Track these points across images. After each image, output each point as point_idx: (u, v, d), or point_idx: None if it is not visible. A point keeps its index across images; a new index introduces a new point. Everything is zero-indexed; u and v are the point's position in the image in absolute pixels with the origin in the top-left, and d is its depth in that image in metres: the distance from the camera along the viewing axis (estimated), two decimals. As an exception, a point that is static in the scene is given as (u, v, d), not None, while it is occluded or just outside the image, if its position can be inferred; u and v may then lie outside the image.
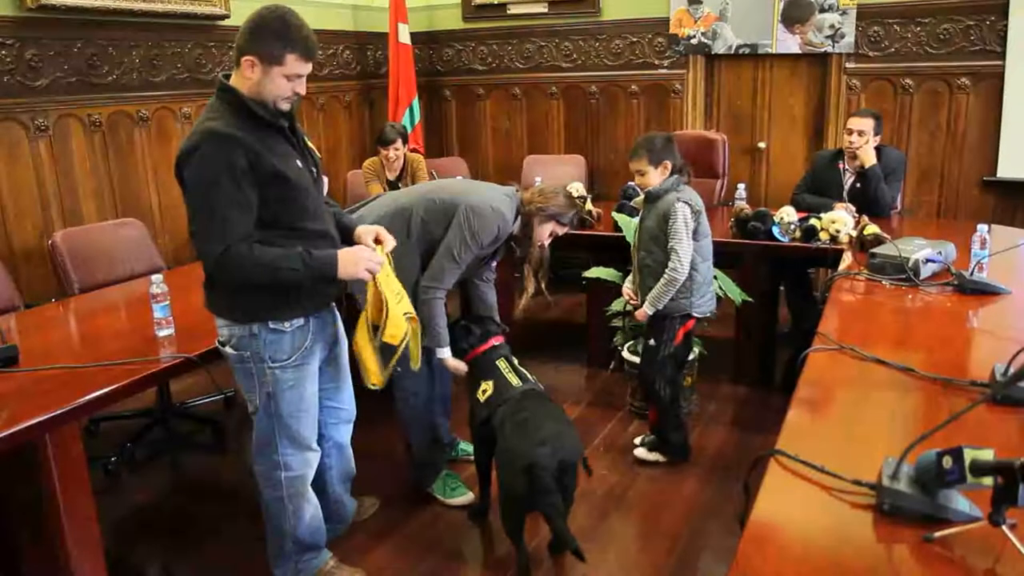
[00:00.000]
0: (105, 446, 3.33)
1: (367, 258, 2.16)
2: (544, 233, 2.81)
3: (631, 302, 3.24)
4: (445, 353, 2.77)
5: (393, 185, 4.65)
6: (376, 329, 2.27)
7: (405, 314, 2.33)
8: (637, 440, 3.30)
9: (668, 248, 2.93)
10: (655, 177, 2.97)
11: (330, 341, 2.35)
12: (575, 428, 2.54)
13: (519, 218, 2.79)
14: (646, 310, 3.03)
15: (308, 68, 2.07)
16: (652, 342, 3.08)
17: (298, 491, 2.32)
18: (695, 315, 3.08)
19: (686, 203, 2.92)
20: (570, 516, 2.45)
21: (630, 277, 3.29)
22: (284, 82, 2.03)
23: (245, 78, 2.02)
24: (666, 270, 2.94)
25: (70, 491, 2.07)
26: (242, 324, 2.13)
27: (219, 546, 2.79)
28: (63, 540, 2.06)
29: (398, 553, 2.70)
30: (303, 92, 2.10)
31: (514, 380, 2.64)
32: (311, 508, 2.37)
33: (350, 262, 2.12)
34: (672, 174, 2.97)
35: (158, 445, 3.52)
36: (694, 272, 2.98)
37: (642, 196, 3.11)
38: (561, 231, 2.86)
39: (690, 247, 2.92)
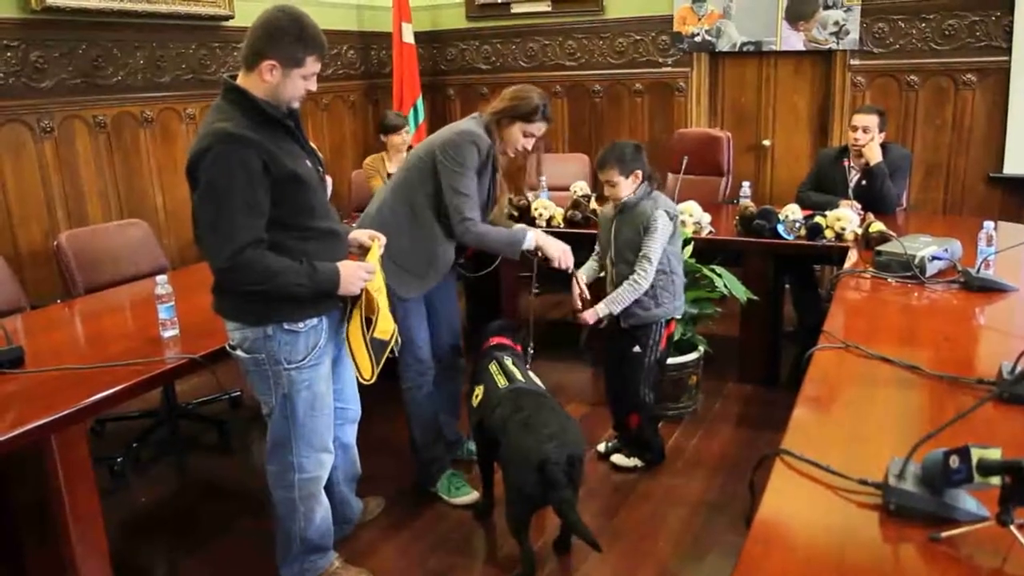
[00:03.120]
0: (110, 446, 3.34)
1: (362, 277, 2.21)
2: (514, 136, 2.75)
3: (581, 295, 3.01)
4: (530, 237, 2.74)
5: None
6: (369, 323, 2.28)
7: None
8: (601, 447, 3.24)
9: (640, 255, 2.88)
10: (626, 187, 2.90)
11: (338, 340, 2.36)
12: (577, 422, 2.55)
13: (489, 132, 2.73)
14: (599, 310, 2.91)
15: (319, 66, 2.11)
16: (638, 349, 3.02)
17: (311, 493, 2.32)
18: (678, 317, 3.08)
19: (664, 210, 2.89)
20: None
21: (587, 265, 3.16)
22: (301, 83, 2.08)
23: (263, 81, 2.03)
24: (633, 276, 2.88)
25: (76, 492, 2.07)
26: (255, 326, 2.13)
27: (224, 546, 2.80)
28: (68, 540, 2.07)
29: (403, 553, 2.70)
30: (314, 89, 2.13)
31: (501, 381, 2.65)
32: (322, 510, 2.38)
33: (349, 280, 2.17)
34: (642, 182, 2.92)
35: (163, 445, 3.53)
36: (674, 276, 2.97)
37: (610, 205, 3.02)
38: (534, 129, 2.75)
39: (657, 260, 2.87)
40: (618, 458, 3.19)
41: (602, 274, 3.16)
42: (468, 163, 2.67)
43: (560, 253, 2.80)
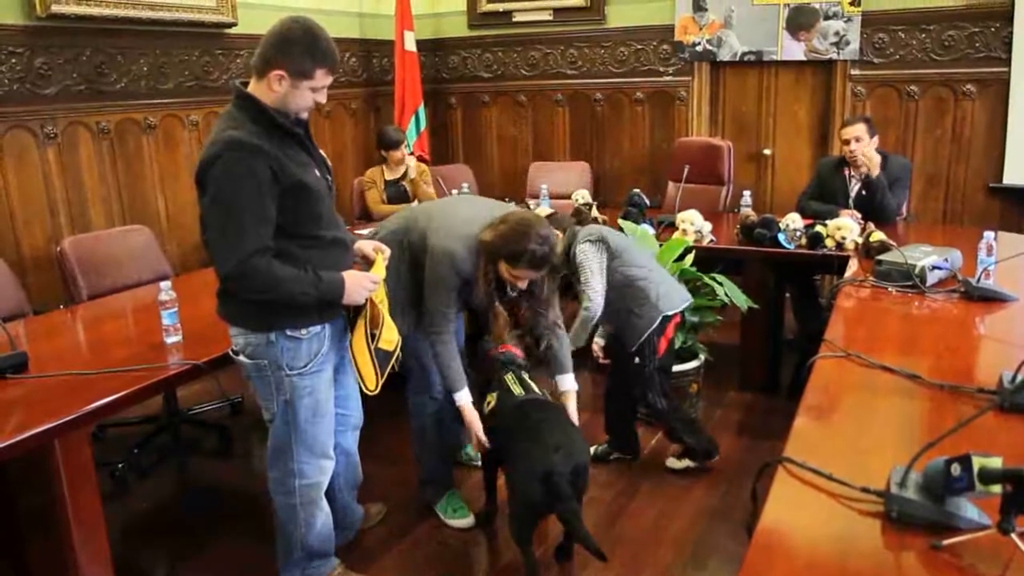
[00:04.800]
0: (112, 452, 3.33)
1: (367, 287, 2.22)
2: (503, 272, 2.49)
3: (601, 360, 3.29)
4: (461, 398, 2.59)
5: (394, 186, 4.71)
6: (373, 336, 2.29)
7: None
8: (590, 450, 3.27)
9: (580, 285, 2.96)
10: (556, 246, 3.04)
11: (340, 348, 2.36)
12: (581, 432, 2.56)
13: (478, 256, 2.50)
14: (575, 344, 2.98)
15: (331, 80, 2.11)
16: (637, 360, 3.05)
17: (311, 499, 2.32)
18: (669, 313, 3.02)
19: (584, 242, 2.97)
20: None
21: (599, 333, 3.28)
22: (310, 94, 2.08)
23: (271, 90, 2.04)
24: (581, 307, 2.96)
25: (79, 496, 2.08)
26: (259, 332, 2.14)
27: (225, 551, 2.80)
28: (71, 545, 2.07)
29: (404, 560, 2.70)
30: (323, 102, 2.13)
31: (517, 390, 2.65)
32: (322, 516, 2.38)
33: (354, 289, 2.18)
34: (565, 233, 3.03)
35: (164, 451, 3.53)
36: (640, 283, 2.98)
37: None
38: (519, 273, 2.46)
39: (601, 283, 2.95)
40: (671, 461, 3.23)
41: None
42: (446, 282, 2.50)
43: (472, 430, 2.63)
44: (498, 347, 2.81)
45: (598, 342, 3.27)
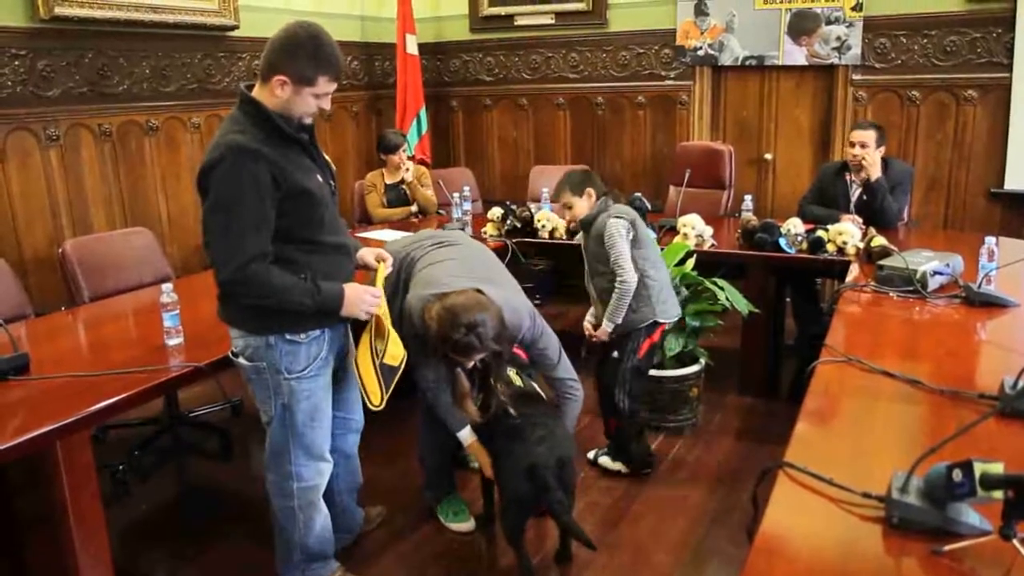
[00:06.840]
0: (112, 454, 3.33)
1: (368, 302, 2.21)
2: None
3: (593, 337, 3.16)
4: (464, 437, 2.61)
5: (395, 190, 4.73)
6: (378, 350, 2.29)
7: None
8: (591, 454, 3.29)
9: (612, 264, 2.94)
10: (583, 207, 3.04)
11: (341, 352, 2.36)
12: (564, 425, 2.57)
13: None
14: (606, 328, 3.01)
15: (335, 86, 2.11)
16: (615, 354, 3.04)
17: (309, 501, 2.32)
18: (661, 321, 3.03)
19: (618, 217, 2.96)
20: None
21: (590, 311, 3.24)
22: (312, 100, 2.08)
23: (274, 95, 2.05)
24: (616, 284, 2.95)
25: (80, 498, 2.07)
26: (258, 335, 2.14)
27: (225, 554, 2.79)
28: (72, 547, 2.07)
29: (404, 562, 2.70)
30: (327, 108, 2.13)
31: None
32: (321, 518, 2.38)
33: (353, 303, 2.17)
34: (598, 199, 3.03)
35: (165, 453, 3.53)
36: (648, 280, 2.98)
37: (580, 234, 3.14)
38: (456, 359, 2.42)
39: (629, 257, 2.94)
40: (604, 460, 3.24)
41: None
42: (411, 337, 2.43)
43: (484, 466, 2.63)
44: None
45: (590, 320, 3.21)
